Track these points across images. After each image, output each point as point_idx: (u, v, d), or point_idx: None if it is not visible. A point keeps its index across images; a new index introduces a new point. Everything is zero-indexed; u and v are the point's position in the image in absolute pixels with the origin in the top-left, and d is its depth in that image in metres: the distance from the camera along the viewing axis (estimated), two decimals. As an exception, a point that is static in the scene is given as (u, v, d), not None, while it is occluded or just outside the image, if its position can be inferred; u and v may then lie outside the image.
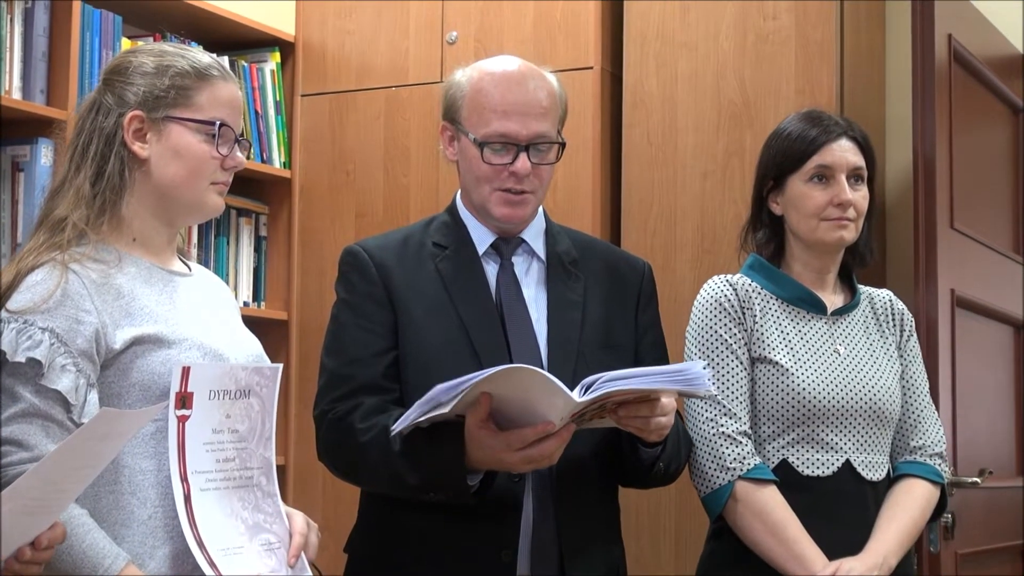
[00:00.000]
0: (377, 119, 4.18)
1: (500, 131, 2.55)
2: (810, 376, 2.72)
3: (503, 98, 2.56)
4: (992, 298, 4.05)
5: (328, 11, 4.28)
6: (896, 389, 2.80)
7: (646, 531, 3.72)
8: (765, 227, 2.86)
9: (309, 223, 4.24)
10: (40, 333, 2.07)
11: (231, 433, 2.13)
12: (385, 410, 2.47)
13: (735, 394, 2.72)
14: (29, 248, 2.19)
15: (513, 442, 2.30)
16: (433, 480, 2.39)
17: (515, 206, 2.58)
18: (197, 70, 2.26)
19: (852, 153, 2.78)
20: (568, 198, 3.84)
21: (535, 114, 2.56)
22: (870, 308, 2.88)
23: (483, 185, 2.58)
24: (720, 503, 2.68)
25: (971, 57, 3.97)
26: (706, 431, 2.70)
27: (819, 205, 2.77)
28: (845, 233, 2.77)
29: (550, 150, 2.59)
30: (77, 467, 1.86)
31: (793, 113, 2.91)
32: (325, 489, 3.97)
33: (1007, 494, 4.10)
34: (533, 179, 2.57)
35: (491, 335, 2.53)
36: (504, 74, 2.60)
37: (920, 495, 2.77)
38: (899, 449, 2.83)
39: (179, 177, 2.24)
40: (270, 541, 2.17)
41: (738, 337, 2.75)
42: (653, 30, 3.89)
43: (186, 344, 2.17)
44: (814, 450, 2.71)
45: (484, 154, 2.56)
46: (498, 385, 2.25)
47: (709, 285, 2.81)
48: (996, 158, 4.30)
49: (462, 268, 2.60)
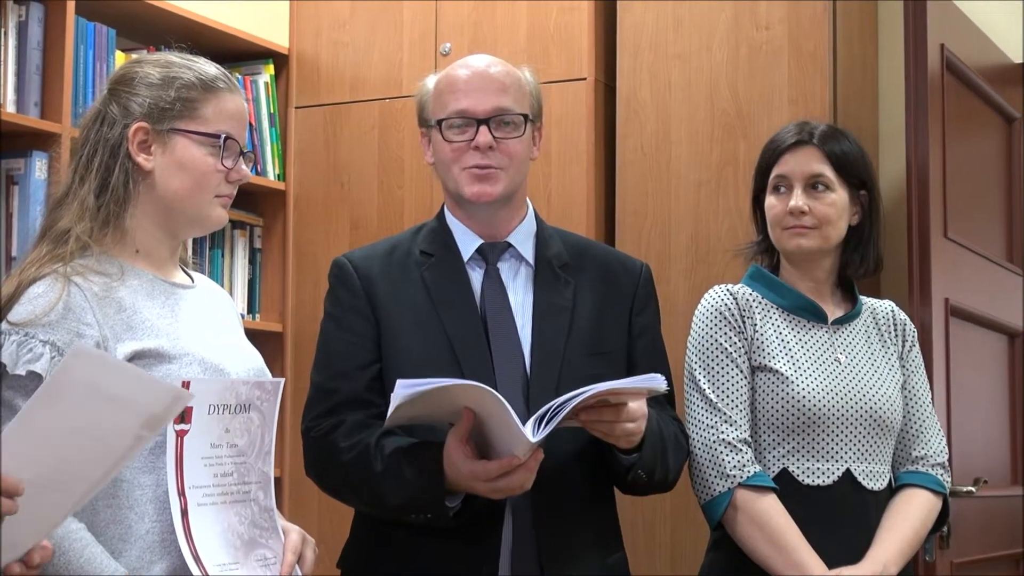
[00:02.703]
0: (371, 131, 4.18)
1: (457, 108, 2.56)
2: (811, 384, 2.72)
3: (459, 78, 2.58)
4: (986, 307, 4.05)
5: (322, 23, 4.28)
6: (897, 398, 2.80)
7: (641, 542, 3.72)
8: (762, 237, 2.87)
9: (304, 235, 4.24)
10: (41, 346, 2.06)
11: (230, 447, 2.13)
12: (368, 426, 2.47)
13: (735, 402, 2.72)
14: (31, 260, 2.18)
15: (479, 474, 2.31)
16: (412, 502, 2.40)
17: (484, 182, 2.55)
18: (203, 82, 2.25)
19: (813, 160, 2.78)
20: (562, 208, 3.84)
21: (492, 89, 2.56)
22: (872, 318, 2.88)
23: (452, 168, 2.57)
24: (719, 511, 2.68)
25: (964, 67, 3.98)
26: (706, 438, 2.70)
27: (777, 214, 2.78)
28: (803, 241, 2.77)
29: (516, 126, 2.58)
30: (73, 429, 1.73)
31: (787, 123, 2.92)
32: (320, 502, 3.96)
33: (1002, 503, 4.10)
34: (500, 155, 2.55)
35: (474, 344, 2.52)
36: (464, 62, 2.63)
37: (922, 504, 2.77)
38: (901, 459, 2.83)
39: (183, 190, 2.24)
40: (266, 556, 2.16)
41: (738, 346, 2.75)
42: (646, 41, 3.89)
43: (187, 359, 2.16)
44: (814, 459, 2.71)
45: (445, 133, 2.56)
46: (469, 400, 2.25)
47: (710, 294, 2.82)
48: (989, 167, 4.31)
49: (447, 276, 2.59)
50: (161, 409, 1.81)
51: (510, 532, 2.46)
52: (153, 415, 1.80)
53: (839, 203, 2.78)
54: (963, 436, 3.75)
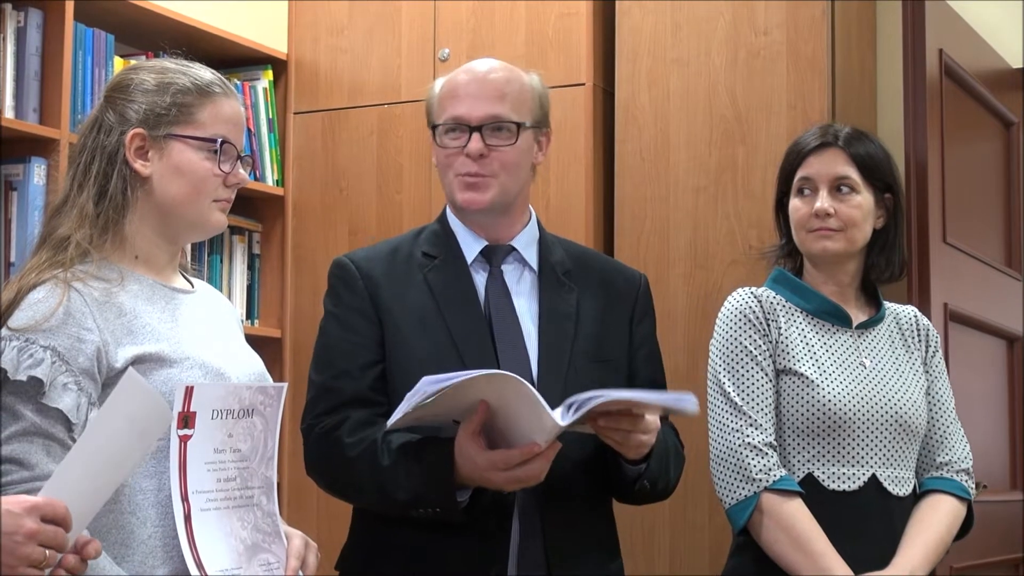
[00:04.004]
0: (370, 136, 4.18)
1: (453, 114, 2.55)
2: (836, 387, 2.71)
3: (460, 85, 2.57)
4: (985, 312, 4.05)
5: (320, 29, 4.28)
6: (922, 403, 2.79)
7: (640, 549, 3.72)
8: (786, 240, 2.87)
9: (302, 240, 4.24)
10: (42, 351, 2.06)
11: (233, 452, 2.12)
12: (373, 423, 2.46)
13: (760, 405, 2.70)
14: (31, 266, 2.18)
15: (498, 462, 2.30)
16: (421, 496, 2.38)
17: (473, 190, 2.55)
18: (199, 87, 2.25)
19: (839, 163, 2.77)
20: (561, 214, 3.85)
21: (488, 96, 2.55)
22: (895, 324, 2.87)
23: (447, 173, 2.58)
24: (745, 515, 2.66)
25: (962, 71, 3.98)
26: (732, 442, 2.69)
27: (802, 217, 2.78)
28: (828, 243, 2.76)
29: (510, 134, 2.56)
30: (109, 454, 1.84)
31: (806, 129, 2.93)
32: (319, 505, 3.96)
33: (1002, 508, 4.10)
34: (492, 163, 2.54)
35: (479, 346, 2.52)
36: (468, 67, 2.62)
37: (947, 511, 2.75)
38: (925, 465, 2.81)
39: (181, 195, 2.24)
40: (269, 561, 2.15)
41: (763, 348, 2.74)
42: (645, 46, 3.90)
43: (188, 363, 2.16)
44: (840, 464, 2.69)
45: (438, 138, 2.57)
46: (489, 391, 2.25)
47: (734, 297, 2.80)
48: (987, 172, 4.31)
49: (450, 278, 2.58)
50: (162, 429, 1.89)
51: (518, 534, 2.46)
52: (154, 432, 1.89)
53: (864, 205, 2.78)
54: (962, 441, 3.75)
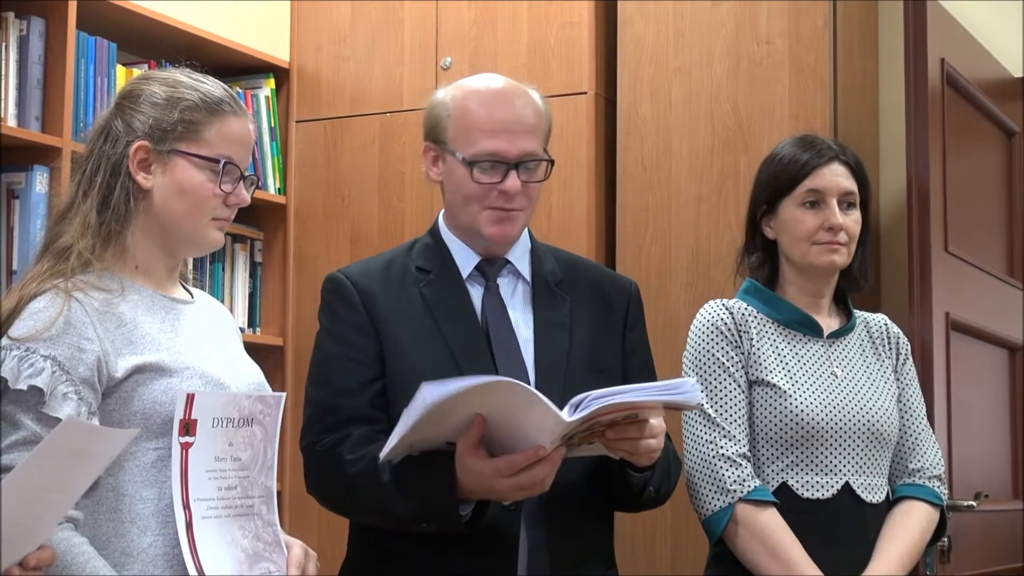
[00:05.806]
0: (372, 145, 4.19)
1: (489, 150, 2.52)
2: (808, 398, 2.72)
3: (491, 116, 2.54)
4: (987, 321, 4.05)
5: (322, 37, 4.29)
6: (894, 411, 2.81)
7: (642, 557, 3.71)
8: (759, 251, 2.86)
9: (304, 249, 4.25)
10: (42, 361, 2.06)
11: (233, 461, 2.13)
12: (374, 440, 2.44)
13: (733, 416, 2.72)
14: (32, 275, 2.18)
15: (503, 468, 2.28)
16: (424, 511, 2.37)
17: (505, 224, 2.55)
18: (208, 104, 2.24)
19: (844, 178, 2.79)
20: (563, 222, 3.85)
21: (523, 132, 2.54)
22: (866, 331, 2.89)
23: (472, 204, 2.56)
24: (720, 526, 2.68)
25: (964, 81, 3.98)
26: (705, 453, 2.70)
27: (810, 229, 2.78)
28: (836, 257, 2.78)
29: (538, 168, 2.56)
30: (46, 487, 1.82)
31: (787, 137, 2.92)
32: (321, 518, 3.94)
33: (1003, 517, 4.10)
34: (522, 197, 2.55)
35: (478, 359, 2.51)
36: (489, 91, 2.58)
37: (920, 517, 2.77)
38: (897, 472, 2.83)
39: (180, 211, 2.23)
40: (270, 570, 2.16)
41: (735, 360, 2.75)
42: (647, 55, 3.90)
43: (188, 373, 2.16)
44: (813, 473, 2.71)
45: (474, 174, 2.53)
46: (486, 403, 2.24)
47: (705, 309, 2.82)
48: (989, 181, 4.31)
49: (446, 292, 2.58)
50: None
51: (526, 548, 2.45)
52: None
53: (860, 220, 2.81)
54: (963, 450, 3.75)
